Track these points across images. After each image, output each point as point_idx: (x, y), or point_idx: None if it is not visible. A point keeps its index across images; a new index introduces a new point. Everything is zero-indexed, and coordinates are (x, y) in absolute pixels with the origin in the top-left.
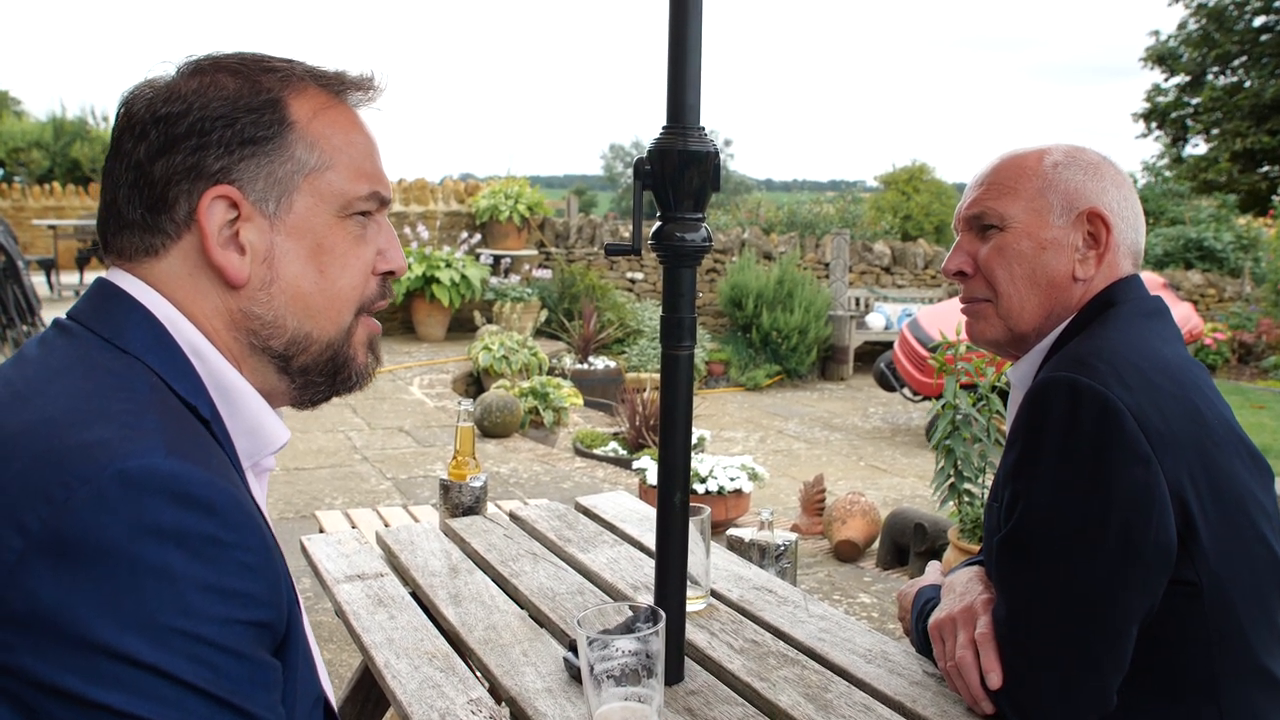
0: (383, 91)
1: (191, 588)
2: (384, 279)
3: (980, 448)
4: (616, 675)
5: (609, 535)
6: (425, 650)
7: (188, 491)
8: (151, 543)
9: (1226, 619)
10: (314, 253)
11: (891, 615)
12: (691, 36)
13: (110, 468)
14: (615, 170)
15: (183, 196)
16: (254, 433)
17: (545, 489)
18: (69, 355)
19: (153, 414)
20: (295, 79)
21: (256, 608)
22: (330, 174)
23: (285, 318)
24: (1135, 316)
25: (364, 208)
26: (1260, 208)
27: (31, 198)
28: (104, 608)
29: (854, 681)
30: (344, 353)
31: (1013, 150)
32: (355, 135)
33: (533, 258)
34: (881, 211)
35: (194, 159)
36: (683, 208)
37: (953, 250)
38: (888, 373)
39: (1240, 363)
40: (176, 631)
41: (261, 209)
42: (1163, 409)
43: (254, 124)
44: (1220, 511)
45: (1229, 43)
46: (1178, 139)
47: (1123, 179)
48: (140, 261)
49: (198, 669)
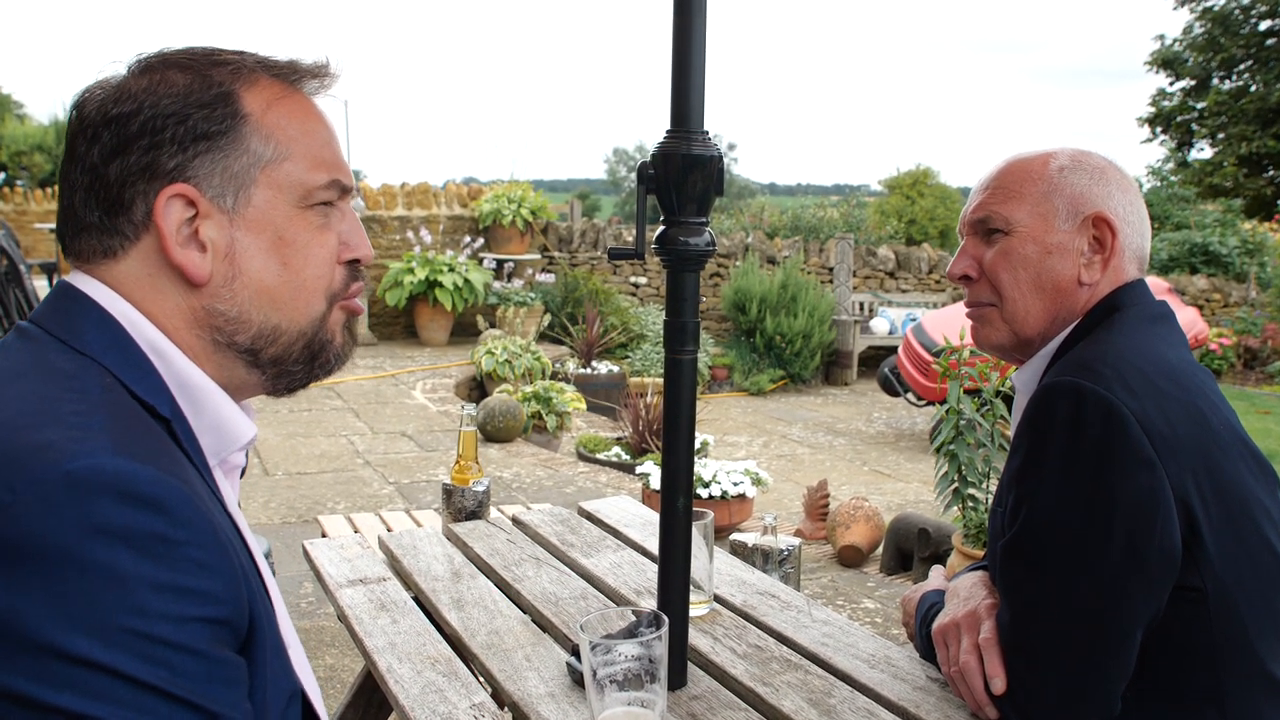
0: (338, 78)
1: (142, 586)
2: (350, 267)
3: (984, 453)
4: (619, 680)
5: (612, 540)
6: (428, 655)
7: (135, 490)
8: (100, 542)
9: (1231, 624)
10: (275, 245)
11: (895, 621)
12: (695, 41)
13: (57, 469)
14: (618, 174)
15: (139, 197)
16: (218, 429)
17: (548, 494)
18: (25, 359)
19: (101, 413)
20: (247, 71)
21: (212, 604)
22: (288, 165)
23: (250, 312)
24: (1140, 321)
25: (324, 197)
26: (1266, 212)
27: (34, 201)
28: (53, 609)
29: (857, 687)
30: (320, 338)
31: (1018, 154)
32: (311, 124)
33: (536, 262)
34: (886, 216)
35: (148, 158)
36: (686, 212)
37: (957, 254)
38: (891, 377)
39: (1246, 368)
40: (128, 631)
41: (219, 205)
42: (1167, 414)
43: (206, 119)
44: (1225, 516)
45: (1234, 47)
46: (1183, 143)
47: (1128, 183)
48: (100, 263)
49: (153, 668)
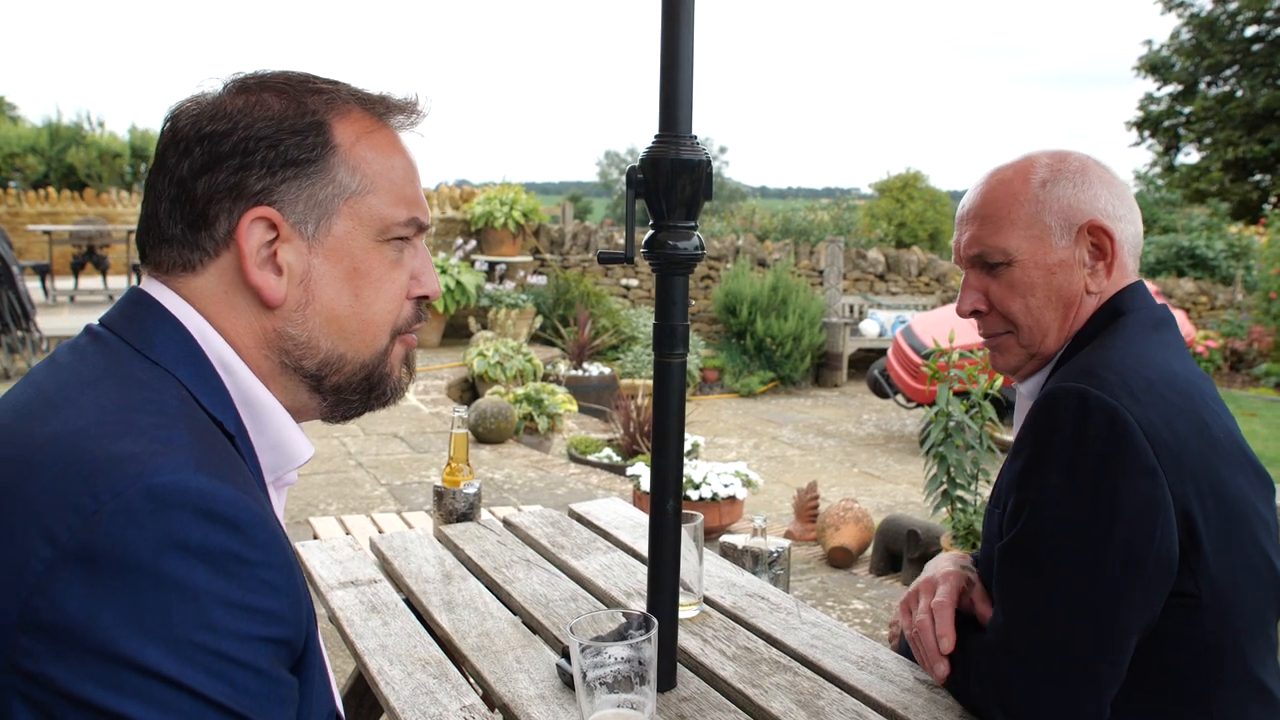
0: (426, 115)
1: (214, 603)
2: (418, 303)
3: (973, 454)
4: (609, 682)
5: (602, 542)
6: (418, 657)
7: (215, 509)
8: (177, 558)
9: (1223, 630)
10: (350, 276)
11: (884, 622)
12: (683, 46)
13: (139, 482)
14: (610, 177)
15: (223, 215)
16: (278, 448)
17: (539, 495)
18: (100, 364)
19: (182, 428)
20: (340, 101)
21: (277, 625)
22: (370, 198)
23: (319, 339)
24: (1144, 327)
25: (402, 233)
26: (1251, 216)
27: (27, 203)
28: (128, 620)
29: (846, 688)
30: (380, 371)
31: (995, 171)
32: (396, 160)
33: (528, 264)
34: (876, 219)
35: (236, 178)
36: (675, 216)
37: (963, 291)
38: (881, 379)
39: (1232, 370)
40: (198, 646)
41: (300, 231)
42: (1171, 422)
43: (298, 146)
44: (1223, 525)
45: (1221, 52)
46: (1170, 148)
47: (1110, 176)
48: (177, 275)
49: (217, 684)
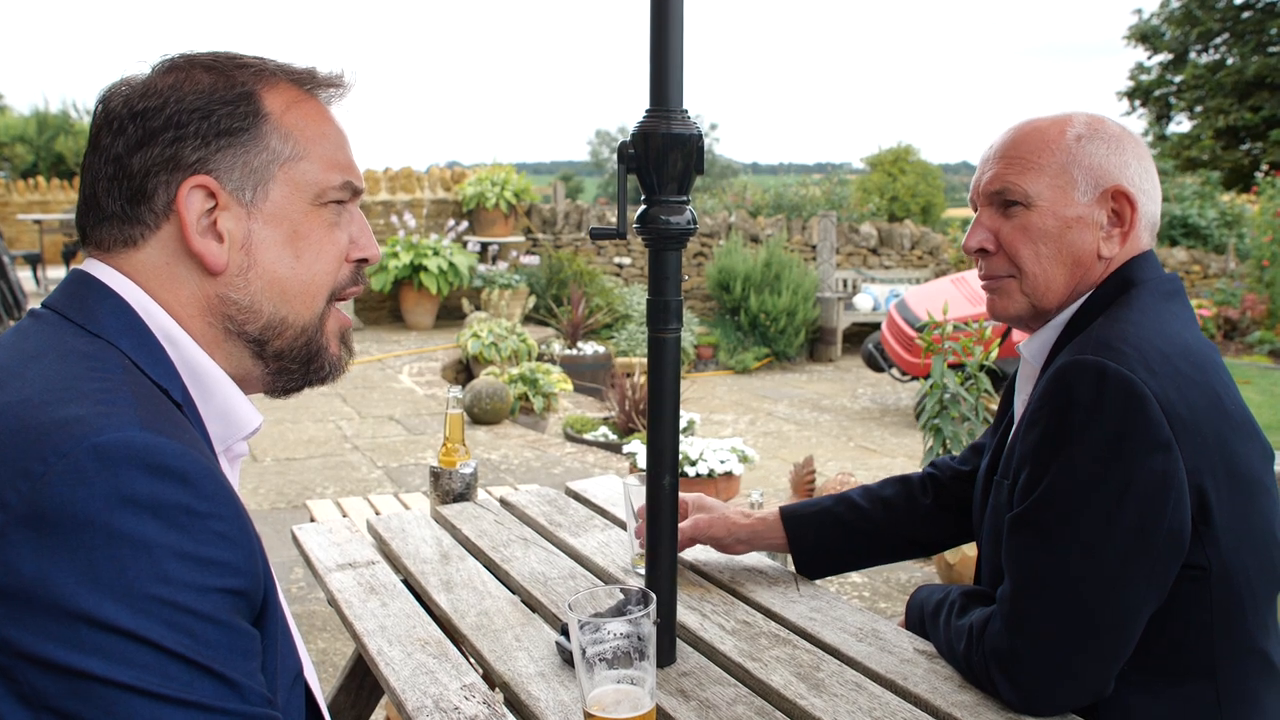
0: (351, 89)
1: (168, 556)
2: (357, 266)
3: (968, 426)
4: (609, 658)
5: (599, 519)
6: (418, 637)
7: (162, 463)
8: (127, 513)
9: (1230, 602)
10: (290, 239)
11: (882, 594)
12: (673, 20)
13: (85, 442)
14: (601, 156)
15: (161, 187)
16: (226, 417)
17: (536, 474)
18: (42, 340)
19: (126, 392)
20: (268, 74)
21: (233, 575)
22: (304, 164)
23: (261, 302)
24: (1155, 297)
25: (337, 197)
26: (1243, 184)
27: (16, 192)
28: (83, 577)
29: (845, 660)
30: (317, 341)
31: (1032, 119)
32: (327, 128)
33: (520, 244)
34: (868, 193)
35: (172, 150)
36: (667, 190)
37: (973, 226)
38: (876, 353)
39: (1225, 338)
40: (154, 599)
41: (238, 198)
42: (1186, 396)
43: (229, 115)
44: (1234, 497)
45: (1211, 20)
46: (1161, 116)
47: (1143, 150)
48: (118, 253)
49: (176, 635)
